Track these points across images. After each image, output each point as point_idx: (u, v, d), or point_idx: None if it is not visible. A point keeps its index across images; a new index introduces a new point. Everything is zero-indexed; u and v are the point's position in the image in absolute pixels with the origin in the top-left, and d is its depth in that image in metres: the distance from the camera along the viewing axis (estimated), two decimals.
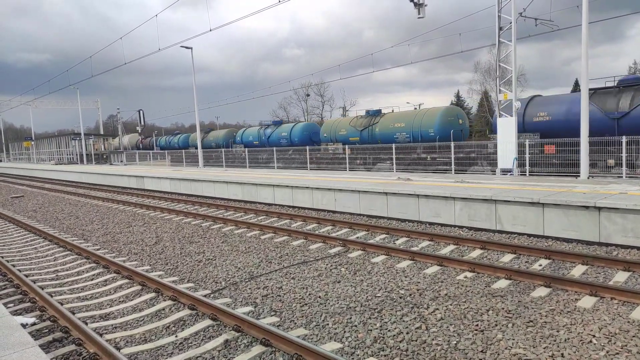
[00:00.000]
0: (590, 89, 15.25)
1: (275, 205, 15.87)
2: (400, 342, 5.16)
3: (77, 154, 51.18)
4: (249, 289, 7.33)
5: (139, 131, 55.25)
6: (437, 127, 22.63)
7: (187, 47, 28.73)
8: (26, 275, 8.46)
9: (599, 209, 8.66)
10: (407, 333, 5.36)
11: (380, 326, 5.59)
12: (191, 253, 9.87)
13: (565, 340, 4.96)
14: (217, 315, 5.97)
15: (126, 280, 8.01)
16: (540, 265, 7.68)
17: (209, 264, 8.97)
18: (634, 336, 4.99)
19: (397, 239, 9.96)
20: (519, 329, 5.32)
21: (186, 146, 46.08)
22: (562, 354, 4.68)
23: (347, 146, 25.80)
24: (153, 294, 7.17)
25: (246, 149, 31.85)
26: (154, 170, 28.84)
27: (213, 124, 76.99)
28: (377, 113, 26.41)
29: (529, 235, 9.59)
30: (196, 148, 35.28)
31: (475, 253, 8.57)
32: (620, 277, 6.85)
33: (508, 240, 9.33)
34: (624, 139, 14.86)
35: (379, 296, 6.61)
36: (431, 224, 11.32)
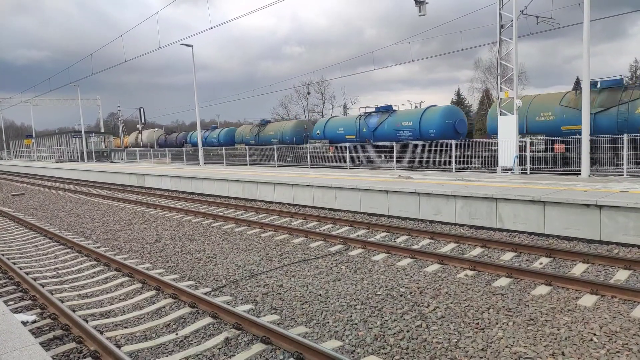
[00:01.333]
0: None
1: (276, 203, 15.87)
2: (400, 340, 5.16)
3: (77, 152, 51.19)
4: (250, 287, 7.33)
5: (139, 129, 55.25)
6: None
7: (187, 45, 28.71)
8: (27, 273, 8.47)
9: (600, 207, 8.65)
10: (408, 331, 5.36)
11: (381, 324, 5.59)
12: (192, 251, 9.87)
13: (566, 339, 4.96)
14: (218, 313, 5.97)
15: (127, 278, 8.01)
16: (541, 263, 7.67)
17: (209, 261, 8.97)
18: (634, 334, 4.98)
19: (398, 237, 9.96)
20: (520, 327, 5.31)
21: (230, 143, 39.01)
22: (563, 352, 4.67)
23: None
24: (153, 292, 7.18)
25: (247, 147, 31.83)
26: (154, 168, 28.84)
27: (214, 121, 76.93)
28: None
29: (530, 234, 9.58)
30: (249, 144, 33.59)
31: (476, 251, 8.56)
32: (621, 276, 6.84)
33: (509, 239, 9.32)
34: (625, 137, 14.84)
35: (379, 294, 6.61)
36: (432, 222, 11.31)
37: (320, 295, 6.73)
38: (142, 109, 54.53)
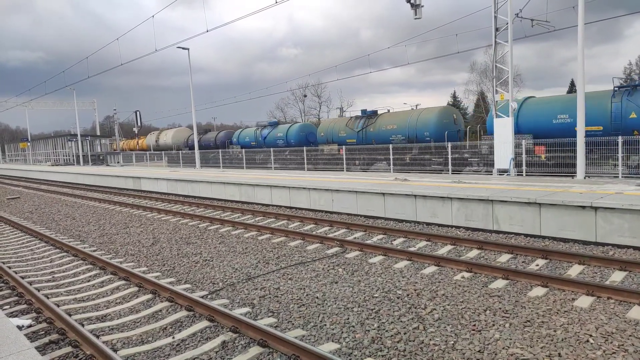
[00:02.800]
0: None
1: (273, 205, 15.86)
2: (397, 342, 5.16)
3: (73, 155, 51.00)
4: (247, 289, 7.31)
5: (136, 132, 55.07)
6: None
7: (184, 48, 28.72)
8: (22, 277, 8.42)
9: (596, 209, 8.69)
10: (405, 333, 5.36)
11: (378, 326, 5.59)
12: (188, 254, 9.85)
13: (562, 340, 4.98)
14: (215, 317, 5.95)
15: (123, 282, 7.98)
16: (537, 265, 7.69)
17: (206, 265, 8.94)
18: (630, 335, 5.00)
19: (395, 240, 9.97)
20: (516, 328, 5.32)
21: (307, 143, 30.10)
22: (559, 354, 4.69)
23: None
24: (150, 296, 7.15)
25: (243, 150, 31.82)
26: (150, 171, 28.77)
27: (210, 124, 76.87)
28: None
29: (526, 235, 9.61)
30: (345, 144, 27.13)
31: (473, 253, 8.58)
32: (616, 277, 6.88)
33: (505, 240, 9.35)
34: (620, 139, 14.93)
35: (376, 296, 6.61)
36: (428, 224, 11.33)
37: (317, 297, 6.72)
38: (138, 112, 54.34)
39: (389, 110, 26.78)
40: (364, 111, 27.13)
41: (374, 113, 26.50)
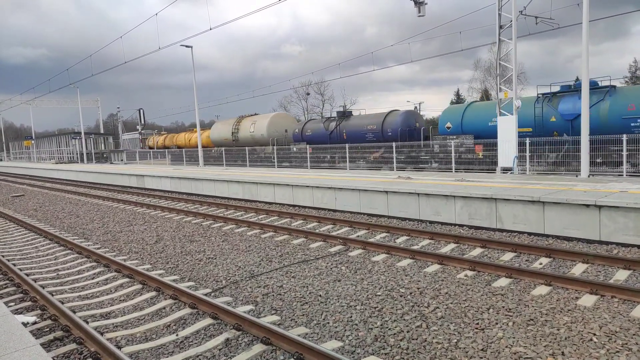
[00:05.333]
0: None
1: (276, 204, 15.88)
2: (400, 340, 5.17)
3: (77, 153, 51.20)
4: (250, 287, 7.33)
5: (139, 130, 55.19)
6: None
7: (187, 46, 28.76)
8: (27, 274, 8.47)
9: (600, 207, 8.66)
10: (408, 331, 5.36)
11: (381, 325, 5.60)
12: (192, 252, 9.88)
13: (565, 339, 4.97)
14: (218, 314, 5.97)
15: (127, 279, 8.01)
16: (541, 263, 7.68)
17: (209, 262, 8.97)
18: (634, 334, 4.99)
19: (398, 238, 9.96)
20: (520, 327, 5.32)
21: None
22: (563, 352, 4.68)
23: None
24: (154, 293, 7.18)
25: (246, 148, 31.82)
26: (154, 169, 28.85)
27: (213, 122, 76.93)
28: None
29: (530, 234, 9.59)
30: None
31: (476, 252, 8.57)
32: (620, 276, 6.85)
33: (509, 239, 9.33)
34: (624, 137, 14.86)
35: (379, 295, 6.61)
36: (432, 222, 11.32)
37: (320, 295, 6.73)
38: (141, 110, 54.51)
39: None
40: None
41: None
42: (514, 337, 5.06)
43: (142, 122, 55.43)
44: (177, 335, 5.66)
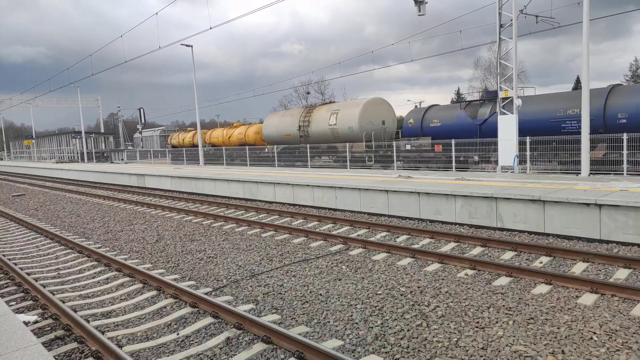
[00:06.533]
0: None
1: (276, 203, 15.88)
2: (401, 339, 5.18)
3: (77, 152, 51.21)
4: (250, 286, 7.34)
5: (139, 129, 55.17)
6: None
7: (187, 45, 28.75)
8: (28, 274, 8.48)
9: (600, 206, 8.66)
10: (408, 330, 5.37)
11: (381, 323, 5.61)
12: (192, 251, 9.89)
13: (565, 337, 4.98)
14: (219, 313, 5.98)
15: (127, 279, 8.02)
16: (541, 262, 7.68)
17: (210, 262, 8.98)
18: (634, 333, 4.99)
19: (398, 237, 9.97)
20: (520, 325, 5.33)
21: None
22: (563, 351, 4.69)
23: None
24: (154, 292, 7.19)
25: (247, 147, 31.85)
26: (154, 168, 28.86)
27: (214, 122, 76.97)
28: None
29: (530, 233, 9.59)
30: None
31: (476, 250, 8.58)
32: (621, 275, 6.86)
33: (509, 238, 9.33)
34: (624, 136, 14.84)
35: (379, 293, 6.62)
36: (432, 221, 11.32)
37: (320, 294, 6.74)
38: (142, 109, 54.50)
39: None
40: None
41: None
42: (514, 336, 5.07)
43: (143, 121, 55.41)
44: (177, 334, 5.67)
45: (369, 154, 22.28)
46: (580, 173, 13.92)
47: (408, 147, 21.26)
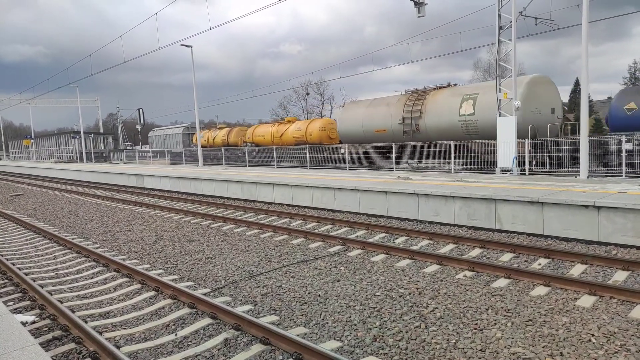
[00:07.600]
0: None
1: (275, 204, 15.87)
2: (399, 340, 5.17)
3: (76, 152, 51.16)
4: (249, 287, 7.34)
5: (139, 129, 55.13)
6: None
7: (187, 46, 28.75)
8: (26, 274, 8.46)
9: (599, 208, 8.67)
10: (407, 332, 5.37)
11: (380, 325, 5.60)
12: (191, 252, 9.88)
13: (564, 339, 4.98)
14: (217, 314, 5.97)
15: (126, 279, 8.01)
16: (540, 264, 7.69)
17: (208, 262, 8.97)
18: (632, 335, 5.00)
19: (397, 238, 9.97)
20: (518, 327, 5.33)
21: None
22: (561, 353, 4.69)
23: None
24: (153, 293, 7.18)
25: (246, 148, 31.82)
26: (153, 168, 28.84)
27: (213, 122, 76.91)
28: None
29: (529, 235, 9.60)
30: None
31: (475, 252, 8.58)
32: (619, 277, 6.86)
33: (507, 240, 9.34)
34: (623, 138, 14.86)
35: (378, 295, 6.62)
36: (431, 223, 11.32)
37: (319, 296, 6.74)
38: (141, 110, 54.47)
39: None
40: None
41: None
42: (512, 338, 5.07)
43: (142, 121, 55.36)
44: (176, 335, 5.66)
45: (538, 155, 15.73)
46: (579, 175, 13.94)
47: (629, 146, 14.09)
